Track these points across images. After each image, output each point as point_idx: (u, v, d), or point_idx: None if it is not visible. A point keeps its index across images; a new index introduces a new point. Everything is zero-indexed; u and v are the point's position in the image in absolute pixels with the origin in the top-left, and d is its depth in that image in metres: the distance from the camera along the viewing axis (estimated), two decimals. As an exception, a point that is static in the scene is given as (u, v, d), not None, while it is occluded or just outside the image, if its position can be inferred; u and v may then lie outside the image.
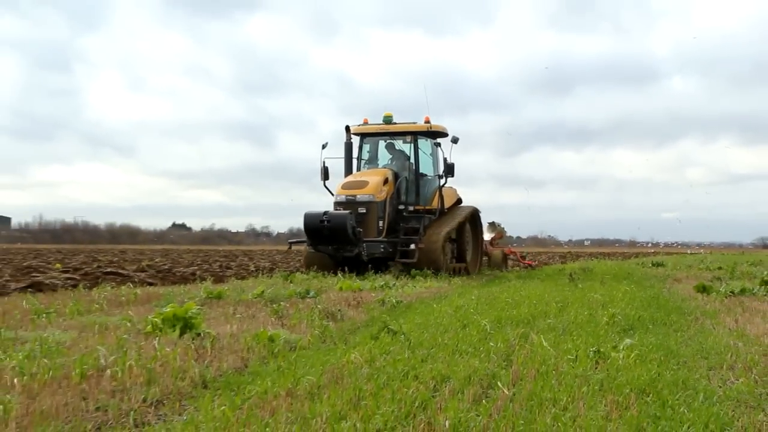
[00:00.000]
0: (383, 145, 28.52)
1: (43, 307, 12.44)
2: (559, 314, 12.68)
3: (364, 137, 28.67)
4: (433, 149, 28.33)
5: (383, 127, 28.22)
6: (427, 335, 10.02)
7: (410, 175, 27.55)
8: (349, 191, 25.51)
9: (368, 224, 25.13)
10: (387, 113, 28.41)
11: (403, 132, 27.95)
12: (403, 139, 27.92)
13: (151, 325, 9.98)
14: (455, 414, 5.72)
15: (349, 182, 26.08)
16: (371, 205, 25.25)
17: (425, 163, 28.23)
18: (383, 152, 28.54)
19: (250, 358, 8.41)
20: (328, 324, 11.19)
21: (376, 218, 25.32)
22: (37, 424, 5.49)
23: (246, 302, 14.51)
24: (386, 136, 28.36)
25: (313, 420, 5.62)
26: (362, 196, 25.22)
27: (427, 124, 27.87)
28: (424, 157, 28.22)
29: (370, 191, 25.30)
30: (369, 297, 16.16)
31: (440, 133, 28.41)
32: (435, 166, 28.39)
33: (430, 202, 27.99)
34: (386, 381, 6.97)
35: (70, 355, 7.94)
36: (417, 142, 27.67)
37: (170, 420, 5.88)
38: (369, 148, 28.70)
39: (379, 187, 25.55)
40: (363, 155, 28.62)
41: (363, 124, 28.52)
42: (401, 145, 28.12)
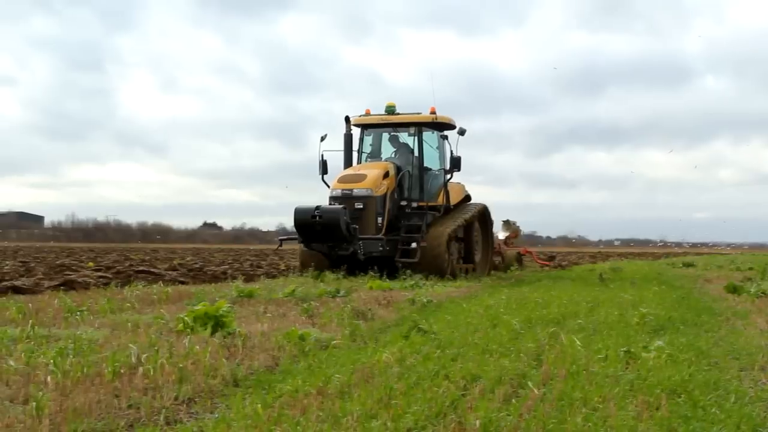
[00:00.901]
0: (386, 137, 26.88)
1: (76, 305, 12.50)
2: (590, 314, 12.65)
3: (366, 129, 26.94)
4: (440, 142, 26.72)
5: (385, 117, 26.48)
6: (457, 334, 10.01)
7: (414, 169, 25.76)
8: (346, 185, 23.87)
9: (366, 221, 23.44)
10: (389, 103, 26.70)
11: (406, 123, 26.11)
12: (406, 130, 26.06)
13: (183, 323, 10.00)
14: (486, 413, 5.70)
15: (345, 175, 24.46)
16: (369, 200, 23.55)
17: (430, 157, 26.51)
18: (386, 145, 26.84)
19: (281, 356, 8.41)
20: (359, 323, 11.19)
21: (375, 214, 23.65)
22: (71, 421, 5.51)
23: (277, 301, 14.55)
24: (388, 127, 26.62)
25: (343, 419, 5.61)
26: (359, 190, 23.59)
27: (432, 115, 26.00)
28: (430, 151, 26.52)
29: (367, 185, 23.65)
30: (399, 296, 16.15)
31: (447, 124, 26.68)
32: (441, 159, 26.74)
33: (435, 198, 26.10)
34: (417, 380, 6.96)
35: (103, 353, 7.97)
36: (421, 134, 25.86)
37: (202, 418, 5.89)
38: (372, 140, 26.94)
39: (378, 181, 23.88)
40: (364, 148, 26.89)
41: (365, 115, 26.75)
42: (406, 137, 26.29)
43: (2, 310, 11.86)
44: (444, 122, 26.42)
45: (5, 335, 9.04)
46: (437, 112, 26.06)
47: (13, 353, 7.99)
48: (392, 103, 26.60)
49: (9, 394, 6.24)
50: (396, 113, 26.44)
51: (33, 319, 10.75)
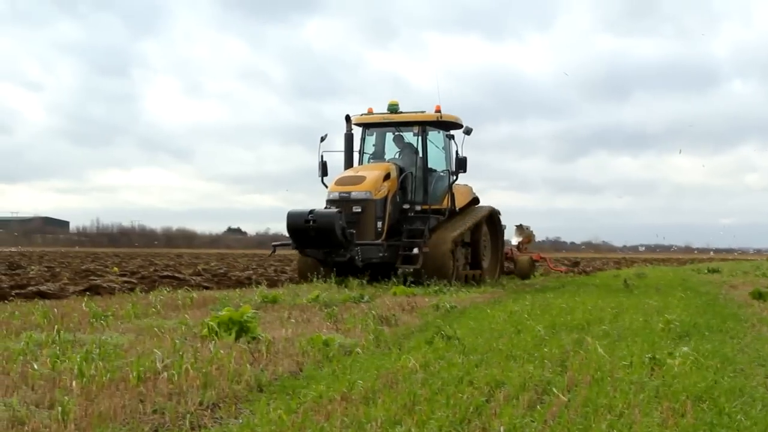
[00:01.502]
0: (390, 137, 25.66)
1: (101, 310, 12.54)
2: (614, 320, 12.62)
3: (367, 128, 25.77)
4: (446, 142, 25.56)
5: (387, 116, 25.17)
6: (481, 340, 10.00)
7: (417, 170, 24.50)
8: (343, 188, 22.70)
9: (364, 225, 22.26)
10: (392, 101, 25.41)
11: (409, 122, 24.91)
12: (410, 130, 24.92)
13: (207, 328, 10.02)
14: (510, 420, 5.69)
15: (343, 177, 23.31)
16: (368, 204, 22.38)
17: (436, 158, 25.37)
18: (391, 145, 25.68)
19: (305, 362, 8.42)
20: (383, 329, 11.19)
21: (374, 218, 22.46)
22: (96, 425, 5.53)
23: (301, 306, 14.57)
24: (391, 126, 25.35)
25: (368, 424, 5.61)
26: (357, 193, 22.40)
27: (437, 114, 24.61)
28: (435, 151, 25.34)
29: (366, 188, 22.44)
30: (423, 302, 16.16)
31: (452, 123, 25.37)
32: (447, 160, 25.50)
33: (440, 200, 24.94)
34: (441, 386, 6.95)
35: (128, 358, 8.00)
36: (425, 133, 24.64)
37: (226, 423, 5.89)
38: (375, 140, 25.82)
39: (378, 183, 22.69)
40: (366, 148, 25.79)
41: (366, 114, 25.54)
42: (411, 137, 25.06)
43: (28, 315, 11.92)
44: (449, 121, 25.23)
45: (31, 340, 9.07)
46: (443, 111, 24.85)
47: (39, 358, 8.03)
48: (395, 101, 25.46)
49: (35, 398, 6.27)
50: (399, 112, 25.32)
51: (58, 323, 10.81)
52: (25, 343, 8.91)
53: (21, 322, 11.25)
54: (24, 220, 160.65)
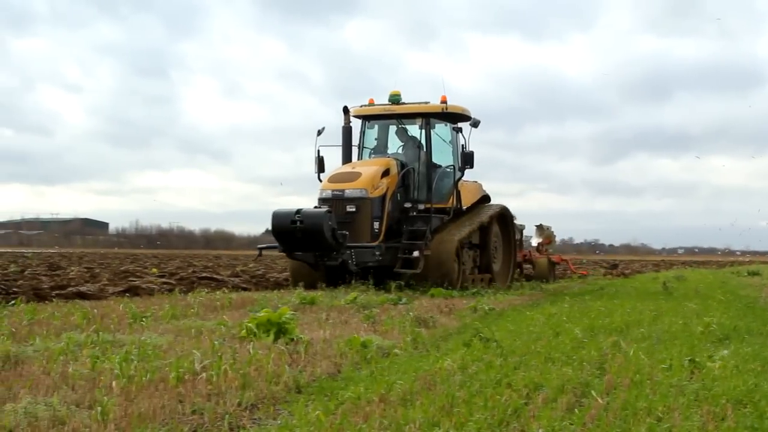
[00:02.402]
0: (393, 130, 23.85)
1: (140, 311, 12.61)
2: (653, 323, 12.56)
3: (367, 120, 23.99)
4: (453, 136, 23.49)
5: (388, 108, 23.25)
6: (519, 343, 9.98)
7: (421, 166, 22.69)
8: (336, 185, 21.07)
9: (359, 226, 20.55)
10: (394, 91, 23.48)
11: (412, 114, 23.07)
12: (414, 122, 23.07)
13: (246, 329, 10.05)
14: (549, 422, 5.68)
15: (337, 174, 21.70)
16: (363, 203, 20.66)
17: (442, 152, 23.50)
18: (394, 139, 23.97)
19: (343, 363, 8.43)
20: (420, 330, 11.20)
21: (370, 218, 20.73)
22: (135, 425, 5.56)
23: (339, 308, 14.59)
24: (392, 118, 23.46)
25: (406, 426, 5.61)
26: (352, 191, 20.71)
27: (442, 105, 22.82)
28: (441, 145, 23.50)
29: (362, 185, 20.70)
30: (461, 304, 16.15)
31: (459, 115, 23.48)
32: (455, 155, 23.50)
33: (446, 199, 23.14)
34: (479, 388, 6.94)
35: (167, 359, 8.04)
36: (430, 125, 22.88)
37: (265, 424, 5.91)
38: (377, 134, 24.05)
39: (375, 180, 20.96)
40: (367, 142, 24.00)
41: (367, 105, 23.74)
42: (416, 131, 23.16)
43: (68, 316, 11.99)
44: (456, 112, 23.36)
45: (71, 340, 9.12)
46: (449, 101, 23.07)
47: (79, 358, 8.09)
48: (397, 92, 23.48)
49: (75, 398, 6.30)
50: (402, 103, 23.38)
51: (98, 324, 10.89)
52: (65, 343, 8.95)
53: (61, 322, 11.31)
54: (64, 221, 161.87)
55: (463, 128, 23.18)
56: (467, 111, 23.68)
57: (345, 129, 23.34)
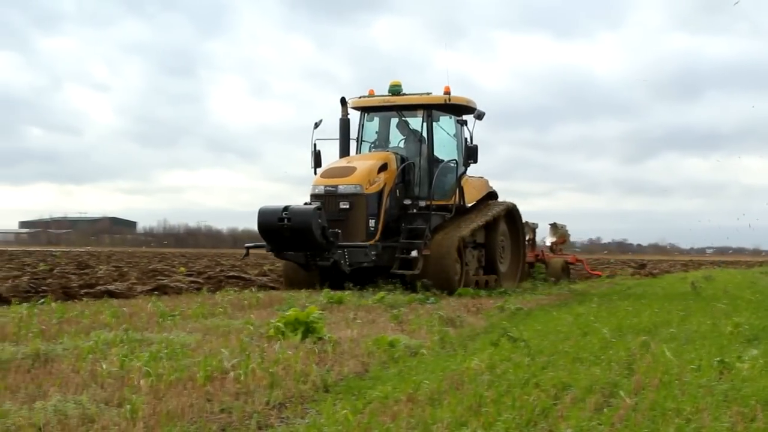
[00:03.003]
0: (395, 123, 22.40)
1: (168, 309, 12.67)
2: (682, 323, 12.49)
3: (366, 112, 22.61)
4: (457, 129, 22.25)
5: (388, 99, 21.86)
6: (547, 342, 9.96)
7: (422, 160, 21.37)
8: (329, 180, 19.77)
9: (353, 224, 19.31)
10: (394, 81, 22.10)
11: (413, 105, 21.82)
12: (415, 114, 21.85)
13: (274, 328, 10.07)
14: (577, 422, 5.67)
15: (330, 169, 20.46)
16: (357, 199, 19.39)
17: (446, 146, 22.26)
18: (396, 133, 22.56)
19: (371, 362, 8.44)
20: (448, 330, 11.21)
21: (365, 216, 19.45)
22: (164, 424, 5.59)
23: (366, 307, 14.60)
24: (392, 110, 22.08)
25: (434, 425, 5.61)
26: (346, 186, 19.42)
27: (445, 96, 21.54)
28: (446, 139, 22.28)
29: (356, 180, 19.45)
30: (488, 304, 16.17)
31: (463, 107, 22.14)
32: (459, 150, 22.18)
33: (448, 195, 21.88)
34: (507, 388, 6.92)
35: (195, 357, 8.07)
36: (431, 118, 21.60)
37: (293, 423, 5.92)
38: (378, 127, 22.69)
39: (371, 175, 19.72)
40: (366, 135, 22.61)
41: (367, 96, 22.42)
42: (419, 124, 21.88)
43: (97, 314, 12.05)
44: (460, 104, 22.02)
45: (100, 339, 9.18)
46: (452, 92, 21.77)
47: (108, 356, 8.12)
48: (397, 82, 22.10)
49: (104, 396, 6.34)
50: (402, 94, 22.01)
51: (127, 323, 10.96)
52: (94, 341, 9.01)
53: (90, 321, 11.38)
54: (92, 220, 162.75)
55: (467, 121, 22.14)
56: (472, 102, 22.40)
57: (342, 121, 22.16)
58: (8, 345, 8.72)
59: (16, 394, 6.42)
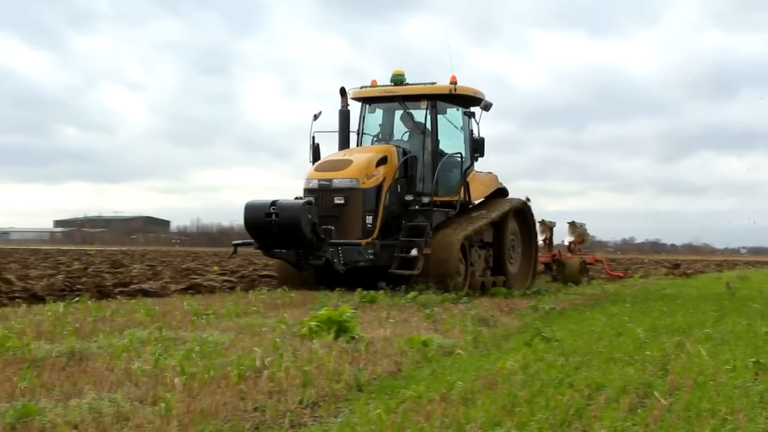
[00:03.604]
0: (399, 115, 21.24)
1: (202, 308, 12.71)
2: (716, 323, 12.40)
3: (368, 103, 21.47)
4: (465, 121, 21.09)
5: (390, 89, 20.73)
6: (580, 342, 9.92)
7: (426, 154, 20.23)
8: (324, 174, 18.66)
9: (348, 220, 18.15)
10: (397, 71, 20.98)
11: (416, 96, 20.54)
12: (417, 106, 20.58)
13: (307, 327, 10.07)
14: (611, 423, 5.63)
15: (326, 162, 19.34)
16: (353, 194, 18.22)
17: (452, 140, 21.00)
18: (400, 126, 21.35)
19: (404, 362, 8.43)
20: (481, 329, 11.19)
21: (362, 212, 18.29)
22: (198, 422, 5.59)
23: (399, 306, 14.57)
24: (394, 101, 20.86)
25: (467, 425, 5.59)
26: (341, 180, 18.30)
27: (450, 86, 20.33)
28: (452, 132, 21.07)
29: (352, 174, 18.33)
30: (521, 303, 16.15)
31: (470, 98, 20.88)
32: (467, 143, 21.07)
33: (454, 191, 20.51)
34: (540, 388, 6.90)
35: (228, 356, 8.09)
36: (435, 109, 20.24)
37: (326, 422, 5.92)
38: (382, 119, 21.52)
39: (369, 168, 18.61)
40: (368, 128, 21.47)
41: (368, 86, 21.29)
42: (423, 115, 20.51)
43: (131, 313, 12.10)
44: (466, 94, 20.77)
45: (134, 337, 9.22)
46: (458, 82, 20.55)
47: (142, 355, 8.15)
48: (400, 71, 20.97)
49: (138, 395, 6.36)
50: (405, 83, 20.89)
51: (160, 321, 10.99)
52: (128, 340, 9.05)
53: (124, 319, 11.42)
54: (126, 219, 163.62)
55: (475, 113, 20.89)
56: (480, 93, 21.07)
57: (342, 113, 20.94)
58: (44, 343, 8.76)
59: (51, 391, 6.44)
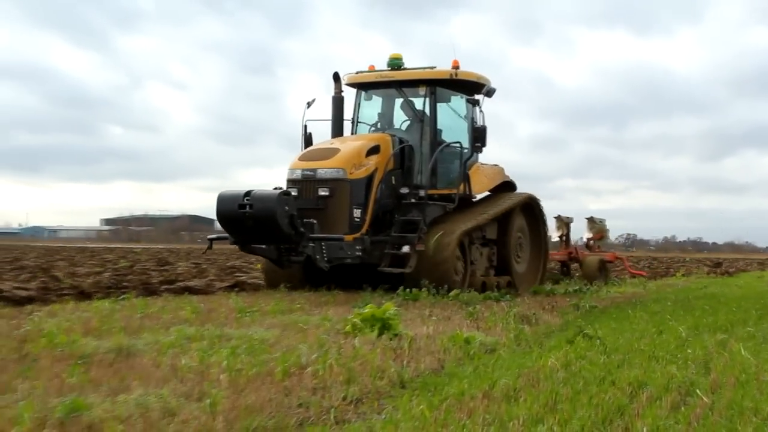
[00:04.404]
0: (399, 103, 19.36)
1: (247, 305, 12.75)
2: (759, 322, 12.33)
3: (364, 90, 19.78)
4: (469, 110, 19.20)
5: (386, 74, 18.99)
6: (622, 340, 9.88)
7: (424, 143, 18.44)
8: (308, 163, 16.88)
9: (333, 213, 16.35)
10: (394, 54, 19.30)
11: (414, 81, 18.69)
12: (416, 92, 18.73)
13: (351, 325, 10.10)
14: (653, 421, 5.60)
15: (311, 150, 17.56)
16: (339, 185, 16.45)
17: (455, 129, 19.19)
18: (400, 115, 19.50)
19: (446, 359, 8.43)
20: (523, 327, 11.19)
21: (348, 205, 16.49)
22: (243, 418, 5.62)
23: (441, 304, 14.56)
24: (391, 87, 19.06)
25: (509, 422, 5.58)
26: (325, 170, 16.55)
27: (450, 70, 18.61)
28: (455, 121, 19.31)
29: (338, 164, 16.60)
30: (563, 301, 16.10)
31: (473, 84, 19.22)
32: (470, 133, 19.04)
33: (456, 184, 18.71)
34: (583, 385, 6.88)
35: (273, 353, 8.11)
36: (435, 95, 18.56)
37: (369, 418, 5.93)
38: (382, 108, 19.73)
39: (358, 158, 16.96)
40: (363, 116, 19.78)
41: (365, 71, 19.58)
42: (424, 103, 18.79)
43: (177, 310, 12.16)
44: (468, 80, 19.06)
45: (180, 334, 9.27)
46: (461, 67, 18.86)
47: (188, 351, 8.19)
48: (398, 55, 19.31)
49: (184, 390, 6.39)
50: (403, 68, 19.23)
51: (206, 318, 11.04)
52: (174, 336, 9.11)
53: (171, 316, 11.48)
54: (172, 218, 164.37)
55: (480, 101, 19.06)
56: (483, 79, 19.40)
57: (335, 99, 19.20)
58: (91, 339, 8.84)
59: (99, 387, 6.49)
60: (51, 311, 11.81)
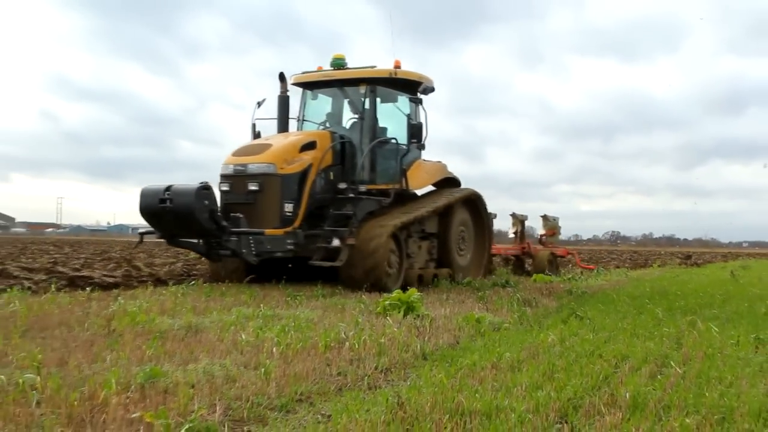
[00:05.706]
0: (347, 102, 17.12)
1: (295, 291, 12.75)
2: (723, 305, 12.28)
3: (309, 89, 17.60)
4: (412, 108, 17.06)
5: (328, 73, 16.92)
6: (608, 320, 9.85)
7: (364, 141, 16.11)
8: (239, 159, 14.66)
9: (264, 208, 14.18)
10: (337, 55, 17.26)
11: (354, 80, 16.59)
12: (357, 91, 16.50)
13: (381, 307, 10.11)
14: (634, 387, 5.58)
15: (244, 147, 15.15)
16: (269, 180, 14.26)
17: (398, 127, 16.85)
18: (348, 114, 17.14)
19: (461, 335, 8.41)
20: (525, 309, 11.16)
21: (279, 200, 14.28)
22: (292, 383, 5.62)
23: (457, 290, 14.56)
24: (333, 85, 17.07)
25: (514, 388, 5.57)
26: (256, 166, 14.36)
27: (389, 69, 16.53)
28: (399, 119, 16.85)
29: (268, 159, 14.38)
30: (558, 288, 16.05)
31: (414, 83, 17.18)
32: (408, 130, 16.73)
33: (395, 180, 16.52)
34: (575, 358, 6.87)
35: (317, 330, 8.12)
36: (375, 93, 16.39)
37: (397, 384, 5.93)
38: (331, 107, 17.57)
39: (289, 154, 14.69)
40: (309, 114, 17.57)
41: (311, 72, 17.39)
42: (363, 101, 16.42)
43: (238, 294, 12.18)
44: (408, 79, 16.96)
45: (240, 314, 9.29)
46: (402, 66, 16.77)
47: (246, 329, 8.20)
48: (341, 55, 17.27)
49: (243, 361, 6.41)
50: (346, 68, 17.11)
51: (262, 302, 11.06)
52: (235, 316, 9.12)
53: (232, 299, 11.50)
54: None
55: (423, 100, 17.16)
56: (424, 78, 17.39)
57: (281, 98, 17.06)
58: (166, 318, 8.88)
59: (172, 357, 6.52)
60: (133, 295, 11.85)
